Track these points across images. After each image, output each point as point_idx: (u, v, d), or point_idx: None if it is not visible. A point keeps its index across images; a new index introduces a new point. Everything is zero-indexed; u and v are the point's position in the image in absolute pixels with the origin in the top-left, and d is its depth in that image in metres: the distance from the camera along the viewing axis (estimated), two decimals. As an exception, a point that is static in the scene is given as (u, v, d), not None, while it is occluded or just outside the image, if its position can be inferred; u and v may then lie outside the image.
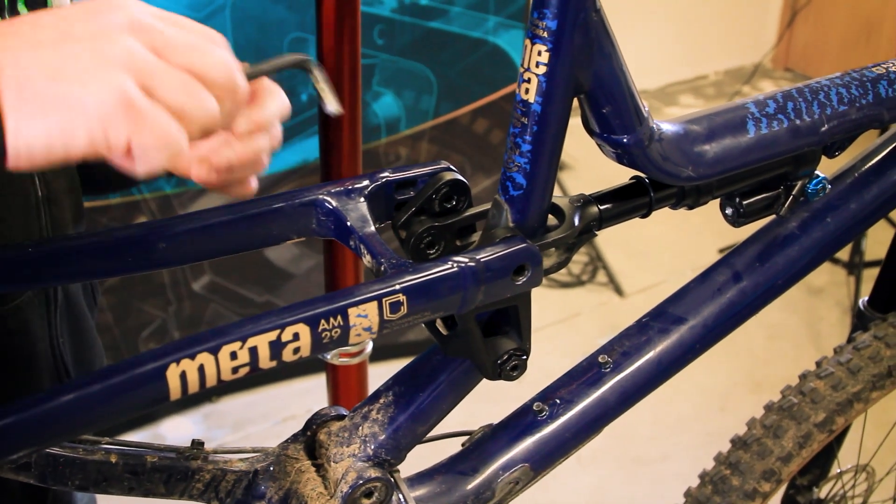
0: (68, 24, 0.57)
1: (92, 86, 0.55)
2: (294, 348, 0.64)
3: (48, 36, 0.56)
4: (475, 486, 0.84)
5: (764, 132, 0.83)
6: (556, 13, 0.69)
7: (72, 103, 0.55)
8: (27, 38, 0.56)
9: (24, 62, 0.55)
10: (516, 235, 0.73)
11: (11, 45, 0.55)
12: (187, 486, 0.80)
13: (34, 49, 0.55)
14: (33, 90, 0.54)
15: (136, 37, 0.58)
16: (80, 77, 0.55)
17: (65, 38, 0.56)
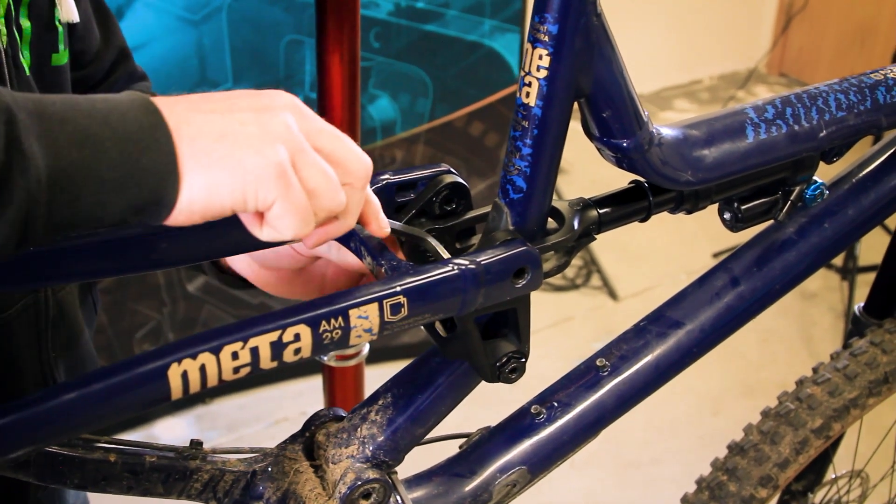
0: (236, 99, 0.63)
1: (254, 150, 0.61)
2: (295, 349, 0.64)
3: (218, 106, 0.62)
4: (473, 488, 0.84)
5: (763, 137, 0.84)
6: (557, 17, 0.70)
7: (235, 163, 0.60)
8: (199, 106, 0.62)
9: (196, 123, 0.60)
10: (516, 238, 0.73)
11: (185, 108, 0.61)
12: (185, 485, 0.80)
13: (206, 114, 0.61)
14: (203, 147, 0.60)
15: (294, 116, 0.64)
16: (244, 141, 0.61)
17: (232, 109, 0.62)
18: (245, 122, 0.62)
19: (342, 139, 0.66)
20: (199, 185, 0.60)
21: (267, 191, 0.61)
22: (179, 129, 0.59)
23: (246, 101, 0.63)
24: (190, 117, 0.60)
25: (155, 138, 0.58)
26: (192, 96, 0.63)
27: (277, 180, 0.61)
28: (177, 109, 0.60)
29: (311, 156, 0.64)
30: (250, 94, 0.65)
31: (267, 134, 0.62)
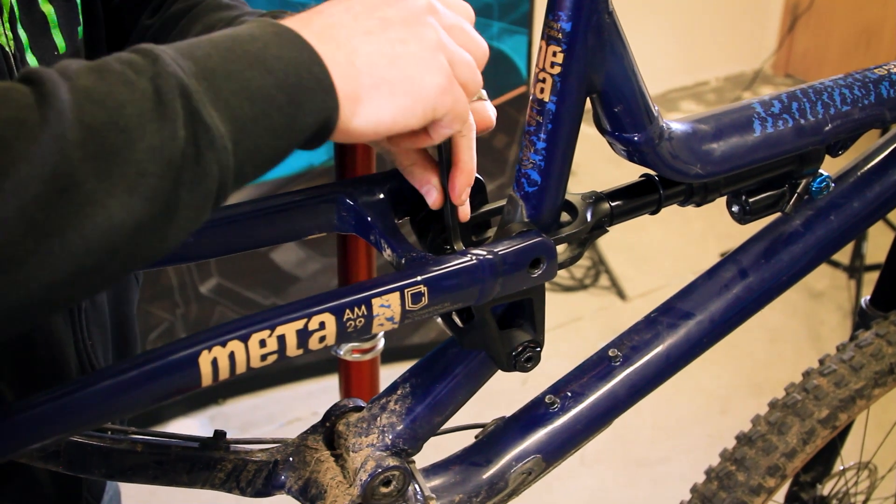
0: (381, 9, 0.65)
1: (424, 68, 0.65)
2: (320, 337, 0.66)
3: (371, 25, 0.64)
4: (489, 476, 0.86)
5: (769, 131, 0.85)
6: (570, 15, 0.71)
7: (416, 85, 0.64)
8: (354, 28, 0.64)
9: (362, 51, 0.63)
10: (532, 230, 0.75)
11: (345, 35, 0.63)
12: (209, 475, 0.82)
13: (366, 37, 0.64)
14: (381, 75, 0.63)
15: (434, 19, 0.67)
16: (413, 62, 0.64)
17: (385, 26, 0.65)
18: (405, 40, 0.65)
19: (464, 28, 0.70)
20: (386, 111, 0.64)
21: (444, 102, 0.66)
22: (351, 60, 0.62)
23: (392, 11, 0.65)
24: (353, 45, 0.63)
25: (314, 74, 0.60)
26: (332, 10, 0.64)
27: (449, 90, 0.66)
28: (335, 36, 0.63)
29: (460, 54, 0.68)
30: (381, 4, 0.66)
31: (427, 48, 0.65)
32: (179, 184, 0.54)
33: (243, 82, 0.57)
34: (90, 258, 0.52)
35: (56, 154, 0.49)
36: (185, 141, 0.54)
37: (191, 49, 0.57)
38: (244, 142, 0.57)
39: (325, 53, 0.61)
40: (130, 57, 0.55)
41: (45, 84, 0.51)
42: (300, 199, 0.79)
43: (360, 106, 0.63)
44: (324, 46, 0.61)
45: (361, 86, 0.62)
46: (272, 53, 0.59)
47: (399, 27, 0.65)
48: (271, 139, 0.59)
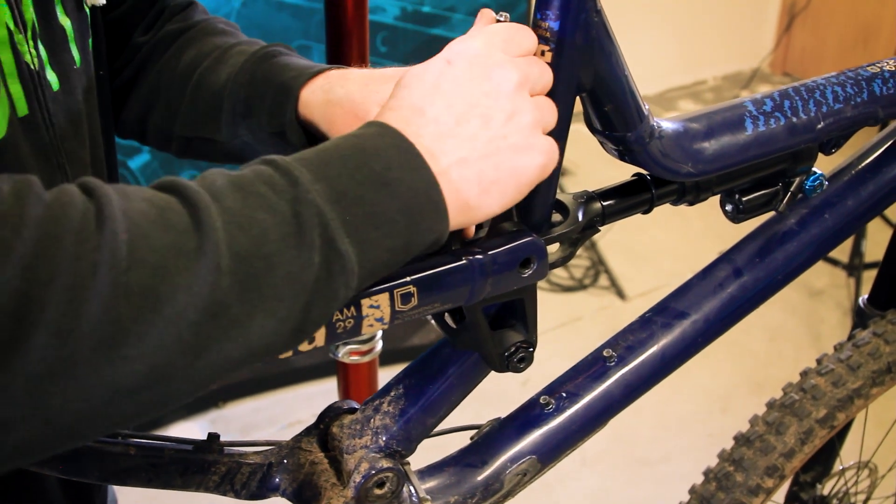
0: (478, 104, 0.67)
1: (528, 154, 0.68)
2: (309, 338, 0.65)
3: (474, 127, 0.67)
4: (484, 477, 0.86)
5: (761, 129, 0.85)
6: (557, 14, 0.71)
7: (521, 176, 0.68)
8: (460, 135, 0.66)
9: (472, 160, 0.66)
10: (522, 230, 0.75)
11: (454, 147, 0.66)
12: (204, 478, 0.82)
13: (472, 144, 0.66)
14: (489, 179, 0.67)
15: (526, 92, 0.69)
16: (518, 154, 0.68)
17: (487, 123, 0.67)
18: (506, 135, 0.67)
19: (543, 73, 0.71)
20: (494, 208, 0.68)
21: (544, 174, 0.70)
22: (462, 175, 0.65)
23: (489, 102, 0.67)
24: (461, 156, 0.66)
25: (431, 199, 0.63)
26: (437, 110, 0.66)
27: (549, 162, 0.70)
28: (445, 150, 0.65)
29: (549, 113, 0.71)
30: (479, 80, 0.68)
31: (527, 133, 0.68)
32: (310, 307, 0.58)
33: (371, 207, 0.60)
34: (224, 374, 0.57)
35: (211, 284, 0.53)
36: (319, 266, 0.58)
37: (322, 167, 0.60)
38: (366, 263, 0.61)
39: (439, 173, 0.64)
40: (270, 175, 0.59)
41: (198, 206, 0.55)
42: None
43: (469, 213, 0.66)
44: (436, 164, 0.64)
45: (471, 196, 0.66)
46: (395, 176, 0.62)
47: (498, 120, 0.67)
48: (389, 258, 0.62)
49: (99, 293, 0.49)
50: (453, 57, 0.69)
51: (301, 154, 0.62)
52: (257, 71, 0.92)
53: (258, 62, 0.93)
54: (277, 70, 0.91)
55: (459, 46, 0.69)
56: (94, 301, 0.49)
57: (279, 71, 0.91)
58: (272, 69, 0.92)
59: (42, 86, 0.78)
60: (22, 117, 0.76)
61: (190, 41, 1.00)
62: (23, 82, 0.76)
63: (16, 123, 0.75)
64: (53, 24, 0.82)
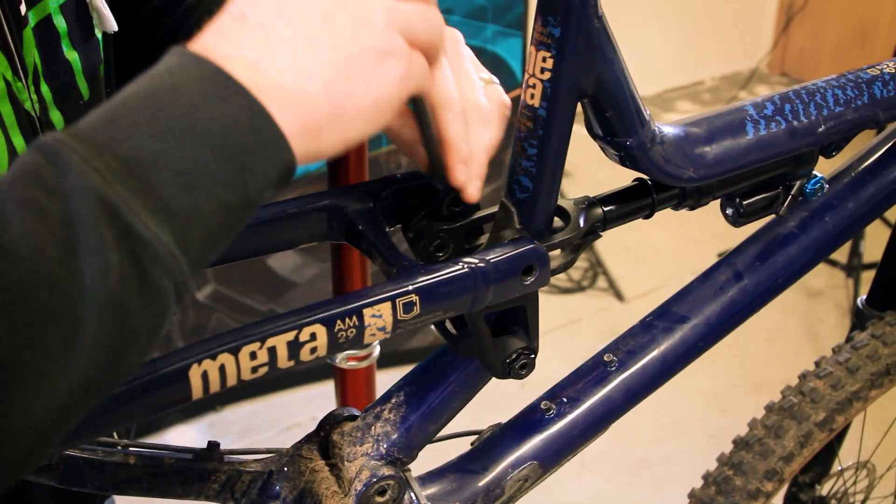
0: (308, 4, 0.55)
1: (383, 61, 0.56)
2: (311, 348, 0.65)
3: (312, 25, 0.55)
4: (485, 483, 0.85)
5: (762, 133, 0.85)
6: (559, 21, 0.71)
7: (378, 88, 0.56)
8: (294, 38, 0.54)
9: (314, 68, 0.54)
10: (524, 237, 0.75)
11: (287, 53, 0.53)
12: (203, 486, 0.82)
13: (311, 46, 0.54)
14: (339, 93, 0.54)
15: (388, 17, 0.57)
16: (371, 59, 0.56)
17: (328, 21, 0.55)
18: (354, 35, 0.55)
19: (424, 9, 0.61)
20: (352, 130, 0.56)
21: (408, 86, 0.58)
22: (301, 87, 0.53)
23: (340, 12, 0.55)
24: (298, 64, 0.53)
25: (256, 128, 0.51)
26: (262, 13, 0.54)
27: (410, 71, 0.58)
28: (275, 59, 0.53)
29: (412, 14, 0.59)
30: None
31: (379, 34, 0.56)
32: (126, 315, 0.47)
33: (175, 164, 0.48)
34: (41, 439, 0.46)
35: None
36: (121, 263, 0.46)
37: (107, 130, 0.48)
38: (193, 235, 0.49)
39: (270, 89, 0.52)
40: (39, 168, 0.46)
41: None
42: (290, 209, 0.79)
43: (322, 136, 0.54)
44: (266, 79, 0.52)
45: (320, 116, 0.54)
46: (203, 116, 0.49)
47: (343, 18, 0.55)
48: (224, 217, 0.50)
49: None
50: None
51: (85, 119, 0.49)
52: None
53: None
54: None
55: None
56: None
57: None
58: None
59: (44, 131, 0.76)
60: None
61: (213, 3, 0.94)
62: (24, 133, 0.74)
63: None
64: (59, 60, 0.80)
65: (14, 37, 0.73)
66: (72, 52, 0.81)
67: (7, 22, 0.73)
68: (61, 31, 0.80)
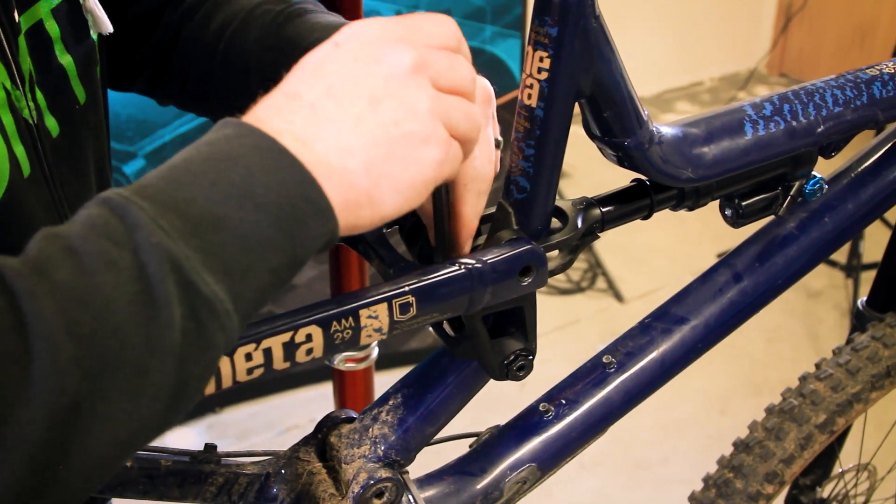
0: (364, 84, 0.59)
1: (424, 145, 0.59)
2: (307, 349, 0.65)
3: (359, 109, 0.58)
4: (484, 486, 0.85)
5: (761, 134, 0.85)
6: (556, 20, 0.71)
7: (415, 170, 0.59)
8: (342, 119, 0.57)
9: (358, 148, 0.57)
10: (521, 237, 0.74)
11: (335, 133, 0.57)
12: (200, 489, 0.82)
13: (357, 129, 0.57)
14: (380, 172, 0.57)
15: (423, 75, 0.60)
16: (412, 144, 0.58)
17: (374, 105, 0.58)
18: (398, 120, 0.58)
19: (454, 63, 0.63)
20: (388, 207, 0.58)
21: (443, 171, 0.61)
22: (345, 165, 0.56)
23: (377, 82, 0.59)
24: (343, 144, 0.56)
25: (307, 198, 0.54)
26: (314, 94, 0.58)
27: (447, 158, 0.60)
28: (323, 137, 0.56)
29: (454, 106, 0.61)
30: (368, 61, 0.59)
31: (422, 121, 0.59)
32: (183, 366, 0.50)
33: (234, 229, 0.51)
34: (97, 476, 0.49)
35: (50, 390, 0.45)
36: (183, 318, 0.49)
37: (169, 192, 0.51)
38: (245, 294, 0.52)
39: (316, 164, 0.55)
40: (106, 221, 0.49)
41: (19, 295, 0.45)
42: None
43: (360, 211, 0.57)
44: (312, 154, 0.55)
45: (360, 192, 0.57)
46: (260, 183, 0.53)
47: (389, 103, 0.58)
48: (271, 279, 0.54)
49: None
50: (343, 39, 0.61)
51: (145, 178, 0.53)
52: (283, 32, 0.87)
53: (284, 23, 0.88)
54: (304, 31, 0.85)
55: (353, 29, 0.62)
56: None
57: (306, 32, 0.85)
58: (298, 30, 0.86)
59: (42, 139, 0.76)
60: (27, 177, 0.74)
61: (217, 4, 0.95)
62: (23, 142, 0.74)
63: (21, 183, 0.73)
64: (52, 65, 0.80)
65: (11, 44, 0.73)
66: (65, 56, 0.81)
67: (3, 29, 0.72)
68: (54, 36, 0.80)
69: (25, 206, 0.74)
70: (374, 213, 0.58)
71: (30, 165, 0.75)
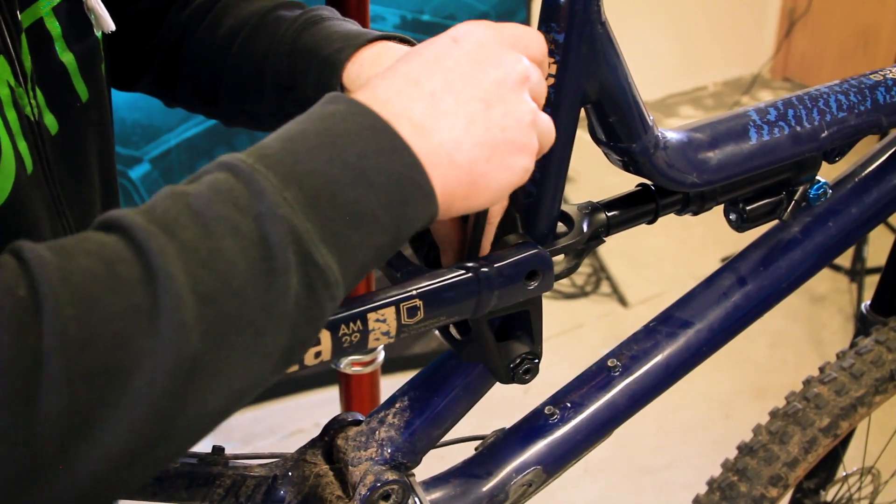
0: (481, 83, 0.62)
1: (520, 153, 0.63)
2: (315, 352, 0.65)
3: (474, 108, 0.61)
4: (489, 488, 0.86)
5: (765, 139, 0.85)
6: (563, 27, 0.71)
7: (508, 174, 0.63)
8: (458, 114, 0.61)
9: (466, 146, 0.61)
10: (528, 242, 0.75)
11: (449, 126, 0.60)
12: (208, 491, 0.82)
13: (469, 127, 0.61)
14: (480, 171, 0.61)
15: (528, 88, 0.64)
16: (512, 149, 0.62)
17: (488, 108, 0.62)
18: (505, 126, 0.62)
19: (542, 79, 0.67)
20: (479, 202, 0.63)
21: (523, 178, 0.64)
22: (453, 159, 0.60)
23: (493, 86, 0.62)
24: (455, 138, 0.60)
25: (415, 182, 0.58)
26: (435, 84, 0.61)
27: (531, 167, 0.65)
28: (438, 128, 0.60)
29: (545, 123, 0.66)
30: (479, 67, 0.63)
31: (524, 130, 0.63)
32: (295, 330, 0.53)
33: (350, 206, 0.55)
34: (211, 427, 0.53)
35: (177, 343, 0.48)
36: (299, 286, 0.53)
37: (290, 164, 0.54)
38: (351, 268, 0.56)
39: (427, 152, 0.59)
40: (231, 187, 0.53)
41: (150, 252, 0.48)
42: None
43: (455, 202, 0.61)
44: (426, 143, 0.59)
45: (460, 184, 0.61)
46: (372, 164, 0.56)
47: (500, 108, 0.62)
48: (375, 255, 0.57)
49: (53, 386, 0.44)
50: (461, 36, 0.64)
51: (264, 146, 0.56)
52: (299, 41, 0.88)
53: (300, 30, 0.88)
54: (321, 41, 0.86)
55: (467, 27, 0.65)
56: (50, 396, 0.44)
57: (323, 42, 0.86)
58: (316, 39, 0.87)
59: (41, 135, 0.77)
60: (30, 174, 0.75)
61: (226, 8, 0.95)
62: (26, 138, 0.75)
63: (25, 180, 0.74)
64: (52, 63, 0.80)
65: (14, 42, 0.74)
66: (67, 54, 0.81)
67: (7, 27, 0.73)
68: (54, 34, 0.80)
69: (30, 204, 0.75)
70: (466, 204, 0.62)
71: (32, 163, 0.75)
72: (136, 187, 2.30)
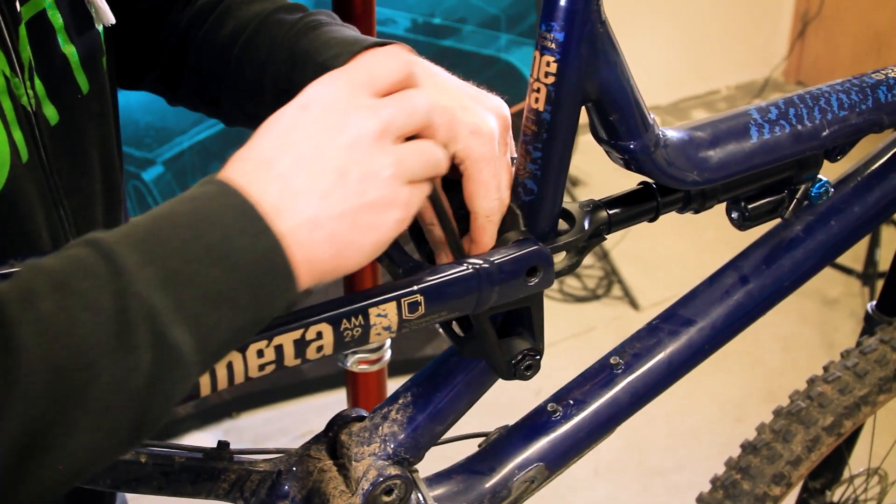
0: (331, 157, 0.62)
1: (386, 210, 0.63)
2: (317, 346, 0.66)
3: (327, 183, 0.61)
4: (492, 484, 0.86)
5: (766, 137, 0.86)
6: (563, 26, 0.72)
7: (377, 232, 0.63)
8: (312, 192, 0.61)
9: (325, 220, 0.61)
10: (528, 238, 0.76)
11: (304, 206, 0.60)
12: (213, 486, 0.83)
13: (325, 202, 0.61)
14: (344, 241, 0.62)
15: (387, 139, 0.64)
16: (375, 210, 0.63)
17: (342, 180, 0.62)
18: (363, 191, 0.62)
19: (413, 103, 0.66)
20: (350, 265, 0.63)
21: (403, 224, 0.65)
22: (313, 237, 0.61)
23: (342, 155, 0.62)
24: (312, 216, 0.61)
25: (275, 266, 0.59)
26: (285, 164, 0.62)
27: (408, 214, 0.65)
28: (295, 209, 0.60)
29: (414, 162, 0.65)
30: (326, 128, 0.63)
31: (385, 188, 0.63)
32: (145, 407, 0.54)
33: (208, 286, 0.56)
34: (42, 495, 0.52)
35: (21, 414, 0.48)
36: (151, 364, 0.53)
37: (152, 244, 0.55)
38: (208, 348, 0.56)
39: (286, 233, 0.59)
40: (92, 264, 0.53)
41: (4, 323, 0.49)
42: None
43: (324, 273, 0.62)
44: (284, 225, 0.59)
45: (326, 256, 0.61)
46: (235, 246, 0.57)
47: (355, 174, 0.62)
48: (234, 335, 0.58)
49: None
50: (308, 102, 0.64)
51: (133, 224, 0.57)
52: (298, 45, 0.87)
53: (298, 35, 0.88)
54: (319, 46, 0.86)
55: (316, 90, 0.65)
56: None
57: (322, 47, 0.86)
58: (314, 44, 0.86)
59: (40, 126, 0.79)
60: (25, 163, 0.76)
61: (228, 10, 0.95)
62: (22, 127, 0.76)
63: (20, 169, 0.75)
64: (53, 55, 0.82)
65: (11, 33, 0.76)
66: (69, 45, 0.83)
67: (4, 18, 0.75)
68: (56, 26, 0.82)
69: (25, 193, 0.76)
70: (336, 271, 0.63)
71: (28, 152, 0.77)
72: (149, 189, 2.31)
